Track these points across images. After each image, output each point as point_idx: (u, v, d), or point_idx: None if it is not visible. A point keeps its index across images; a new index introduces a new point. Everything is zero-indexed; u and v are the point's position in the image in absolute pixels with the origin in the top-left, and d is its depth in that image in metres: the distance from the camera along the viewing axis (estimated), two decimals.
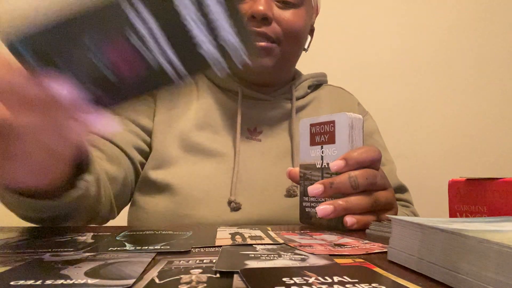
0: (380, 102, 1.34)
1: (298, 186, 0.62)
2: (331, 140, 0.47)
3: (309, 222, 0.49)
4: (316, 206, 0.48)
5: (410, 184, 1.32)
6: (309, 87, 0.76)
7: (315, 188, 0.45)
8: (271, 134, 0.69)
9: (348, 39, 1.38)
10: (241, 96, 0.69)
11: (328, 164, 0.47)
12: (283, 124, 0.70)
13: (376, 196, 0.46)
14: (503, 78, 1.33)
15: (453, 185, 0.48)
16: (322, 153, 0.48)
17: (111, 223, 0.68)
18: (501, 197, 0.42)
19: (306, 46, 0.74)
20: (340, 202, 0.44)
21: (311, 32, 0.76)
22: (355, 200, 0.44)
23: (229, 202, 0.60)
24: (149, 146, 0.67)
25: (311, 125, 0.50)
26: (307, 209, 0.50)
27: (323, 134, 0.48)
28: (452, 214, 0.48)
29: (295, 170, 0.52)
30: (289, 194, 0.62)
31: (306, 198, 0.50)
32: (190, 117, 0.68)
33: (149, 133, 0.67)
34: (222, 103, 0.70)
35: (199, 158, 0.64)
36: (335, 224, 0.46)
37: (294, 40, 0.67)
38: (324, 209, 0.43)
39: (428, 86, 1.35)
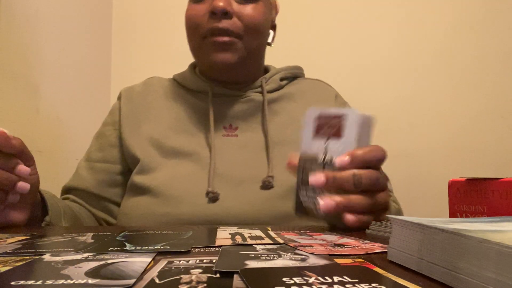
0: (380, 102, 1.34)
1: (273, 177, 0.61)
2: (338, 134, 0.46)
3: (305, 214, 0.48)
4: (313, 198, 0.47)
5: (410, 184, 1.32)
6: (281, 79, 0.76)
7: (317, 178, 0.44)
8: (247, 129, 0.70)
9: (347, 38, 1.38)
10: (211, 95, 0.70)
11: (330, 158, 0.46)
12: (257, 118, 0.71)
13: (376, 197, 0.46)
14: (503, 77, 1.33)
15: (453, 185, 0.48)
16: (326, 146, 0.47)
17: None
18: (501, 197, 0.42)
19: (270, 41, 0.75)
20: (342, 199, 0.44)
21: (274, 28, 0.77)
22: (357, 199, 0.44)
23: (207, 193, 0.61)
24: (123, 160, 0.72)
25: (319, 116, 0.48)
26: (303, 201, 0.48)
27: (330, 127, 0.47)
28: (452, 214, 0.48)
29: (296, 161, 0.50)
30: (264, 186, 0.62)
31: (304, 190, 0.48)
32: (164, 123, 0.70)
33: (118, 159, 0.72)
34: (193, 106, 0.71)
35: (177, 161, 0.65)
36: (331, 220, 0.45)
37: (256, 34, 0.68)
38: (327, 203, 0.43)
39: (428, 86, 1.35)
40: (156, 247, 0.30)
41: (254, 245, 0.32)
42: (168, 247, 0.31)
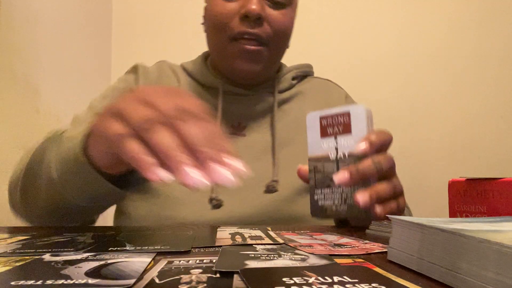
0: (381, 102, 1.34)
1: (278, 181, 0.61)
2: (347, 131, 0.47)
3: (324, 216, 0.48)
4: (330, 198, 0.47)
5: (410, 184, 1.32)
6: (293, 78, 0.74)
7: (341, 176, 0.44)
8: (255, 129, 0.68)
9: (347, 38, 1.38)
10: (222, 92, 0.68)
11: (343, 154, 0.46)
12: (267, 118, 0.70)
13: (394, 182, 0.46)
14: (503, 77, 1.33)
15: (453, 185, 0.48)
16: (337, 144, 0.47)
17: (110, 223, 0.68)
18: (501, 197, 0.42)
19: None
20: (371, 191, 0.43)
21: None
22: (381, 187, 0.44)
23: (210, 200, 0.60)
24: None
25: (322, 118, 0.49)
26: (320, 202, 0.48)
27: (336, 125, 0.47)
28: (452, 214, 0.48)
29: (305, 168, 0.50)
30: (269, 190, 0.61)
31: (319, 191, 0.48)
32: None
33: None
34: (203, 101, 0.68)
35: None
36: (357, 214, 0.45)
37: (283, 41, 0.66)
38: (364, 199, 0.43)
39: (429, 86, 1.35)
40: (156, 247, 0.30)
41: (254, 245, 0.32)
42: (168, 247, 0.31)
